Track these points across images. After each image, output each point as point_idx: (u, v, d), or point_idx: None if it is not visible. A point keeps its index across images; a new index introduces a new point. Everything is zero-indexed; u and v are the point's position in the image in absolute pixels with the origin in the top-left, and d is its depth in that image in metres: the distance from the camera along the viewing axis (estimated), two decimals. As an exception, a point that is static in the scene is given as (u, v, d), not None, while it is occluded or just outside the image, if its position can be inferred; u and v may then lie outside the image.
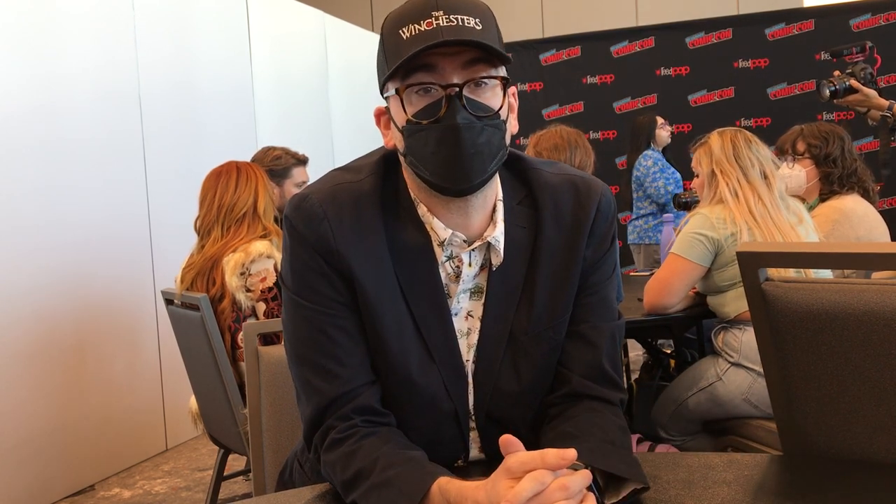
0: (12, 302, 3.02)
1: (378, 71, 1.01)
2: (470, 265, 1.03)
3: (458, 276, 1.03)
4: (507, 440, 0.84)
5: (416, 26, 0.92)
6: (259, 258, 2.24)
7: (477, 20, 0.93)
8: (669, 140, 4.69)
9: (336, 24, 5.60)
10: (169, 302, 2.46)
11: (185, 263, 2.40)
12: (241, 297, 2.23)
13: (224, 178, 2.36)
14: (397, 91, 0.96)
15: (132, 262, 3.60)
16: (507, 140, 1.00)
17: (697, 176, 2.39)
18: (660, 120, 4.72)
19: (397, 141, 1.01)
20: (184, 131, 3.95)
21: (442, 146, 0.94)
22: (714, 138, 2.32)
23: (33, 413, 3.08)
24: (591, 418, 1.00)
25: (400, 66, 0.93)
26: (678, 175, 4.68)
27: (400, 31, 0.94)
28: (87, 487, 3.30)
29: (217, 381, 2.25)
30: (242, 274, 2.24)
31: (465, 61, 0.94)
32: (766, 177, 2.25)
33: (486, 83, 0.96)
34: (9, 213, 3.03)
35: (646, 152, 4.69)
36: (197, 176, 2.53)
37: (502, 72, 0.98)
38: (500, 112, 0.97)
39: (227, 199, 2.33)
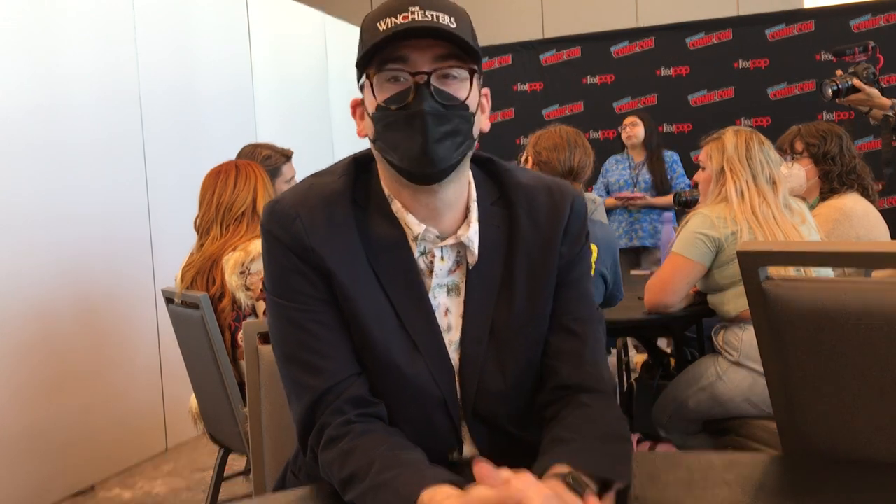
0: (12, 301, 3.02)
1: (357, 64, 1.05)
2: (443, 259, 1.05)
3: (431, 271, 1.05)
4: (480, 473, 0.78)
5: (393, 19, 0.96)
6: (259, 257, 2.24)
7: (452, 19, 0.98)
8: (629, 140, 4.61)
9: (336, 24, 5.60)
10: (169, 301, 2.46)
11: (185, 262, 2.40)
12: (241, 295, 2.23)
13: (223, 177, 2.36)
14: (367, 76, 1.00)
15: (132, 262, 3.60)
16: (475, 134, 1.04)
17: (704, 169, 2.38)
18: (626, 120, 4.69)
19: (369, 130, 1.04)
20: (184, 132, 3.95)
21: (409, 131, 0.98)
22: (729, 136, 2.31)
23: (33, 413, 3.08)
24: (584, 414, 1.00)
25: (375, 56, 0.98)
26: (644, 179, 4.63)
27: (377, 25, 0.98)
28: (87, 487, 3.30)
29: (217, 381, 2.25)
30: (242, 273, 2.23)
31: (436, 55, 0.98)
32: (773, 182, 2.25)
33: (455, 76, 1.00)
34: (8, 214, 3.02)
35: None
36: (197, 176, 2.53)
37: (475, 67, 1.02)
38: (468, 103, 1.00)
39: (225, 197, 2.33)
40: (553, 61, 6.06)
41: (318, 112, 5.30)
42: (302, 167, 3.08)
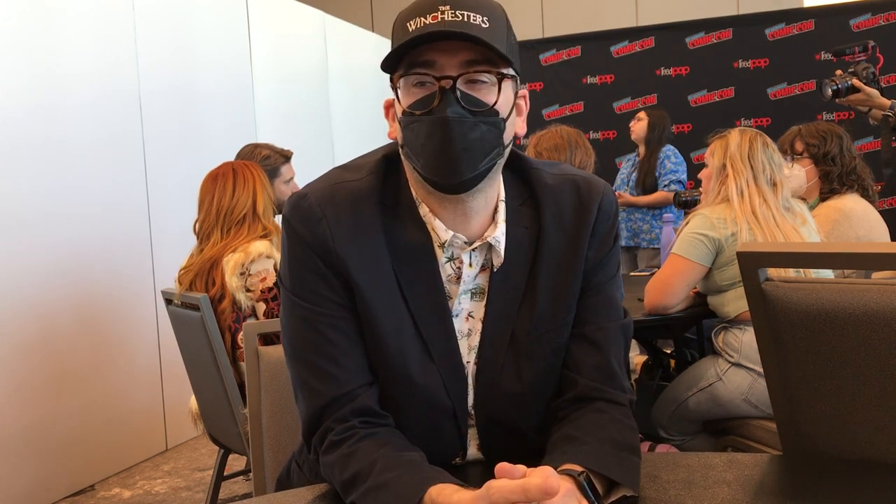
0: (12, 301, 3.02)
1: (382, 67, 1.01)
2: (471, 265, 1.02)
3: (458, 277, 1.02)
4: (500, 470, 0.79)
5: (422, 20, 0.92)
6: (259, 258, 2.24)
7: (485, 18, 0.93)
8: (631, 136, 4.59)
9: (336, 24, 5.59)
10: (169, 302, 2.46)
11: (183, 265, 2.40)
12: (241, 297, 2.23)
13: (221, 182, 2.35)
14: (393, 80, 0.97)
15: (132, 263, 3.60)
16: (506, 140, 0.99)
17: (707, 166, 2.39)
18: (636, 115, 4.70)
19: (398, 134, 1.00)
20: (184, 132, 3.95)
21: (432, 138, 0.93)
22: (734, 134, 2.32)
23: (33, 413, 3.08)
24: (596, 419, 0.99)
25: (403, 59, 0.94)
26: (633, 177, 4.62)
27: (407, 24, 0.94)
28: (87, 487, 3.30)
29: (217, 381, 2.25)
30: (242, 274, 2.23)
31: (465, 60, 0.93)
32: (774, 184, 2.25)
33: (484, 81, 0.95)
34: (8, 214, 3.02)
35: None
36: (197, 176, 2.53)
37: (507, 72, 0.96)
38: (498, 108, 0.95)
39: (225, 202, 2.32)
40: (553, 61, 6.06)
41: (318, 112, 5.30)
42: (302, 167, 3.09)
